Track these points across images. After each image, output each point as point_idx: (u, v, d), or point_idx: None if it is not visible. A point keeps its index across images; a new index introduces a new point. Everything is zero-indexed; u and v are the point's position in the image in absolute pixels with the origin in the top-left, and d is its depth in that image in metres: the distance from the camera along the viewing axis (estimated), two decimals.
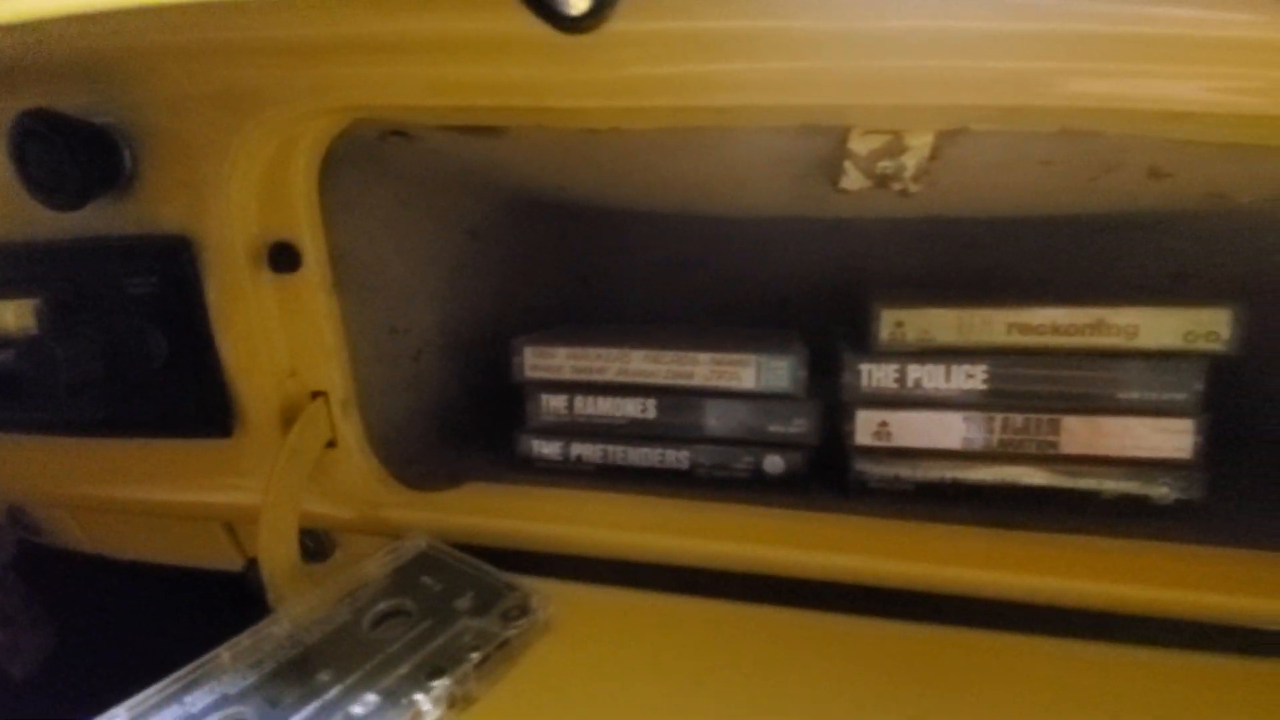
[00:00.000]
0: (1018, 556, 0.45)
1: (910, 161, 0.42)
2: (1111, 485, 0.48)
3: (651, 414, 0.54)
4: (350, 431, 0.49)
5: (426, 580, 0.43)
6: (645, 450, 0.54)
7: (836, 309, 0.62)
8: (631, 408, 0.54)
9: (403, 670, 0.36)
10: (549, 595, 0.42)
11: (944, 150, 0.41)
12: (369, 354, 0.52)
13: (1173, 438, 0.47)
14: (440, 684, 0.35)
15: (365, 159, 0.48)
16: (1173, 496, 0.48)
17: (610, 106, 0.38)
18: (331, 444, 0.49)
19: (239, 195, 0.44)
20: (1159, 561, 0.44)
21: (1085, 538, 0.46)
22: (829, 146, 0.42)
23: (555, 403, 0.55)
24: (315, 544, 0.54)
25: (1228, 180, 0.45)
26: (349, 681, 0.35)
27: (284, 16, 0.39)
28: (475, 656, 0.37)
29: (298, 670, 0.37)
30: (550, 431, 0.55)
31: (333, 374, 0.48)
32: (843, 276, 0.67)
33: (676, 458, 0.54)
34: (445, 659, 0.37)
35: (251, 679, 0.36)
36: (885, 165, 0.42)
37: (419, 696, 0.34)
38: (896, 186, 0.43)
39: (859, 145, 0.41)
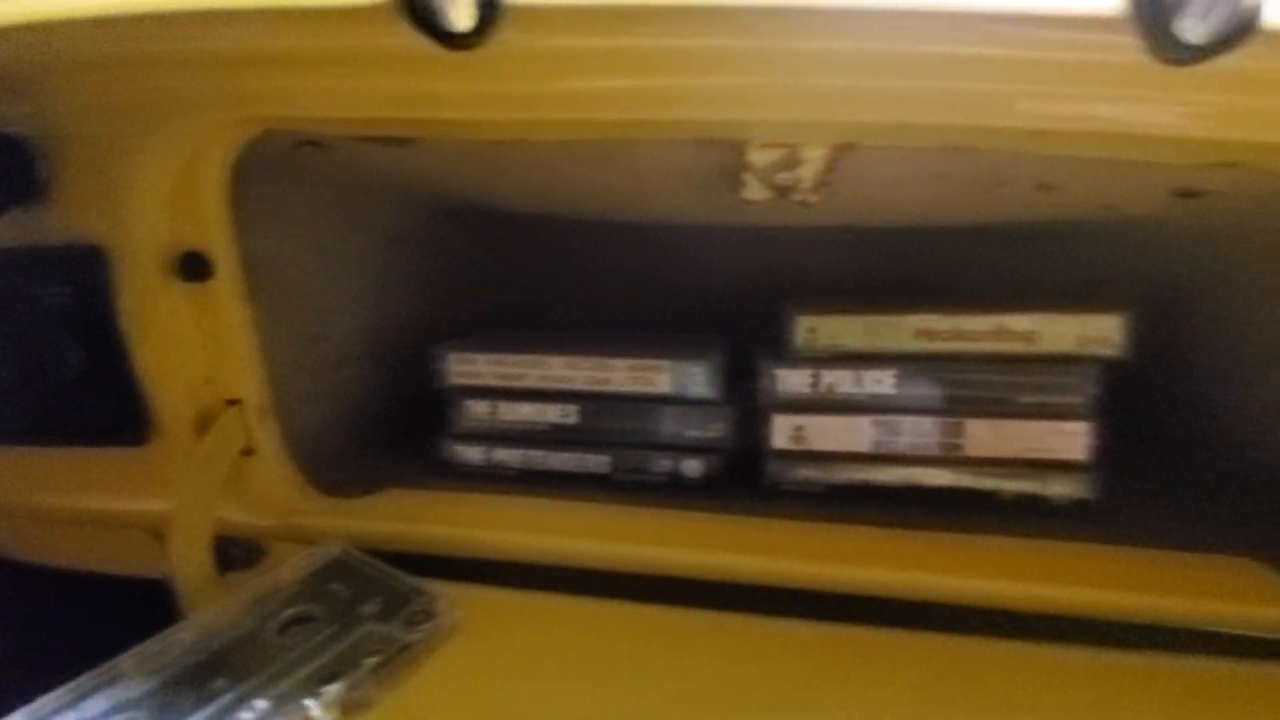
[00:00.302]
0: (920, 555, 0.46)
1: (807, 174, 0.43)
2: (1011, 486, 0.50)
3: (573, 419, 0.55)
4: (268, 439, 0.50)
5: (336, 586, 0.43)
6: (566, 455, 0.55)
7: (761, 315, 0.63)
8: (553, 413, 0.55)
9: (299, 676, 0.36)
10: (458, 599, 0.43)
11: (840, 163, 0.43)
12: (288, 361, 0.52)
13: (1069, 439, 0.49)
14: (332, 689, 0.35)
15: (280, 167, 0.49)
16: (1070, 497, 0.49)
17: (508, 119, 0.39)
18: (249, 452, 0.49)
19: (149, 205, 0.44)
20: (1055, 560, 0.46)
21: (986, 537, 0.47)
22: (729, 158, 0.43)
23: (478, 409, 0.56)
24: (241, 552, 0.54)
25: (1115, 193, 0.47)
26: (244, 688, 0.36)
27: (192, 30, 0.39)
28: (372, 661, 0.37)
29: (196, 676, 0.37)
30: (473, 437, 0.56)
31: (248, 382, 0.48)
32: (768, 283, 0.69)
33: (597, 462, 0.55)
34: (343, 664, 0.37)
35: (150, 685, 0.37)
36: (784, 177, 0.43)
37: (309, 702, 0.35)
38: (796, 197, 0.44)
39: (757, 158, 0.42)
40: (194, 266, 0.45)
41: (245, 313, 0.48)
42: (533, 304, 0.79)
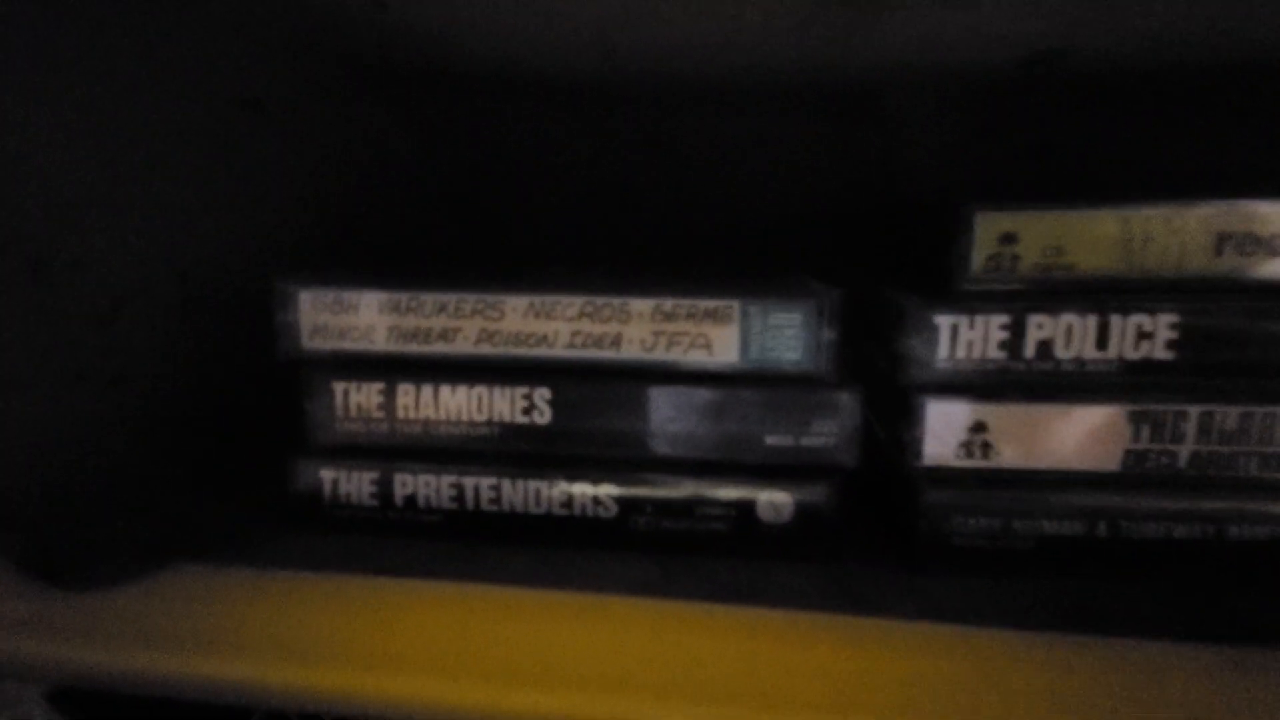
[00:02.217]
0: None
1: None
2: None
3: (545, 417, 0.28)
4: None
5: None
6: (537, 485, 0.29)
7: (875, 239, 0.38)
8: (506, 405, 0.28)
9: None
10: None
11: None
12: None
13: None
14: None
15: None
16: None
17: None
18: None
19: None
20: None
21: None
22: None
23: (360, 397, 0.29)
24: None
25: None
26: None
27: None
28: None
29: None
30: (352, 453, 0.29)
31: None
32: (885, 183, 0.43)
33: (596, 498, 0.29)
34: None
35: None
36: None
37: None
38: None
39: None
40: None
41: None
42: (491, 223, 0.51)
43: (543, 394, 0.28)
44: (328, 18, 0.35)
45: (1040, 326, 0.27)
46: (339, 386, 0.29)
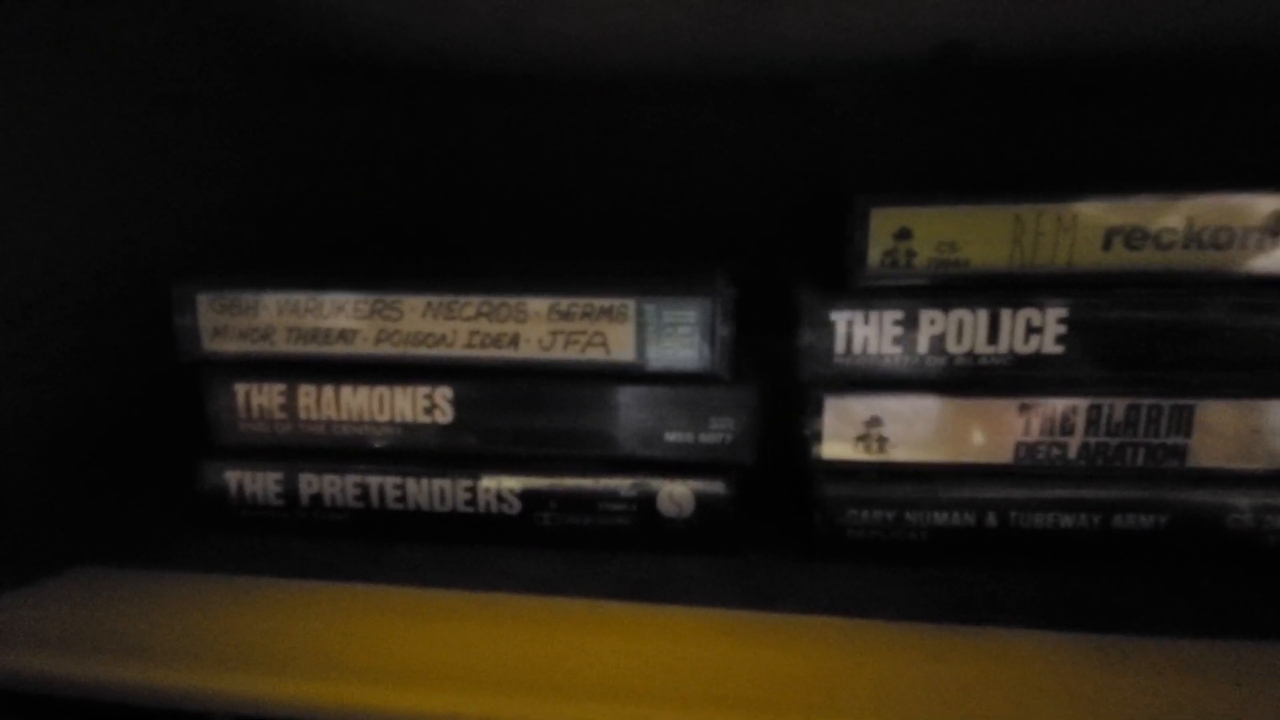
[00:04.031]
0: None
1: None
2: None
3: (447, 416, 0.28)
4: None
5: None
6: (440, 483, 0.29)
7: (793, 220, 0.38)
8: (407, 404, 0.28)
9: None
10: None
11: None
12: None
13: None
14: None
15: None
16: None
17: None
18: None
19: None
20: None
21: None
22: None
23: (262, 398, 0.29)
24: None
25: None
26: None
27: None
28: None
29: None
30: (256, 453, 0.29)
31: None
32: (803, 166, 0.43)
33: (499, 495, 0.29)
34: None
35: None
36: None
37: None
38: None
39: None
40: None
41: None
42: (419, 224, 0.50)
43: (444, 393, 0.28)
44: (243, 13, 0.34)
45: (933, 322, 0.27)
46: (241, 388, 0.29)
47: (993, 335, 0.27)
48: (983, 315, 0.27)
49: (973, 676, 0.22)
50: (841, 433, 0.28)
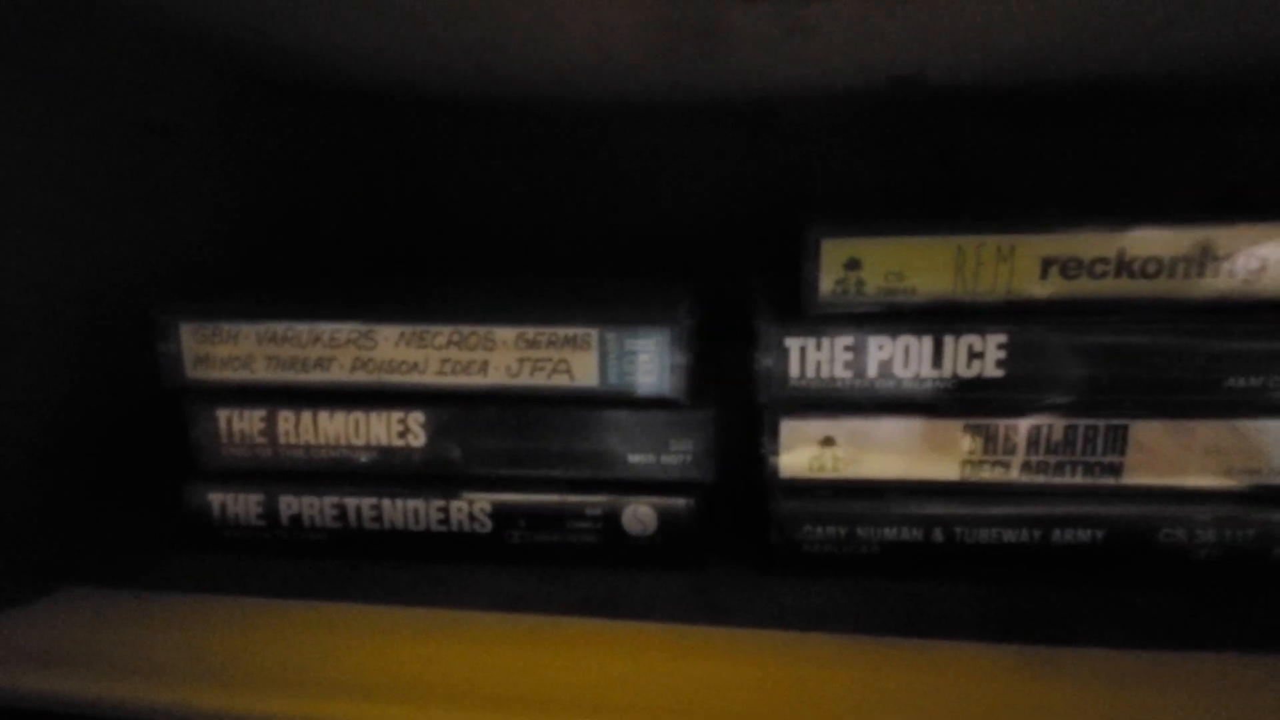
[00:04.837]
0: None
1: None
2: (1210, 535, 0.28)
3: (420, 439, 0.30)
4: None
5: None
6: (414, 504, 0.30)
7: (754, 246, 0.39)
8: (382, 429, 0.30)
9: None
10: None
11: None
12: None
13: None
14: None
15: None
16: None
17: None
18: None
19: None
20: None
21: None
22: None
23: (243, 424, 0.30)
24: None
25: None
26: None
27: None
28: None
29: None
30: (238, 476, 0.31)
31: None
32: (762, 194, 0.45)
33: (471, 515, 0.30)
34: None
35: None
36: None
37: None
38: None
39: None
40: None
41: None
42: (403, 247, 0.52)
43: (416, 418, 0.30)
44: (221, 43, 0.35)
45: (881, 347, 0.28)
46: (222, 414, 0.30)
47: (937, 360, 0.28)
48: (927, 341, 0.28)
49: (918, 688, 0.24)
50: (797, 452, 0.29)
